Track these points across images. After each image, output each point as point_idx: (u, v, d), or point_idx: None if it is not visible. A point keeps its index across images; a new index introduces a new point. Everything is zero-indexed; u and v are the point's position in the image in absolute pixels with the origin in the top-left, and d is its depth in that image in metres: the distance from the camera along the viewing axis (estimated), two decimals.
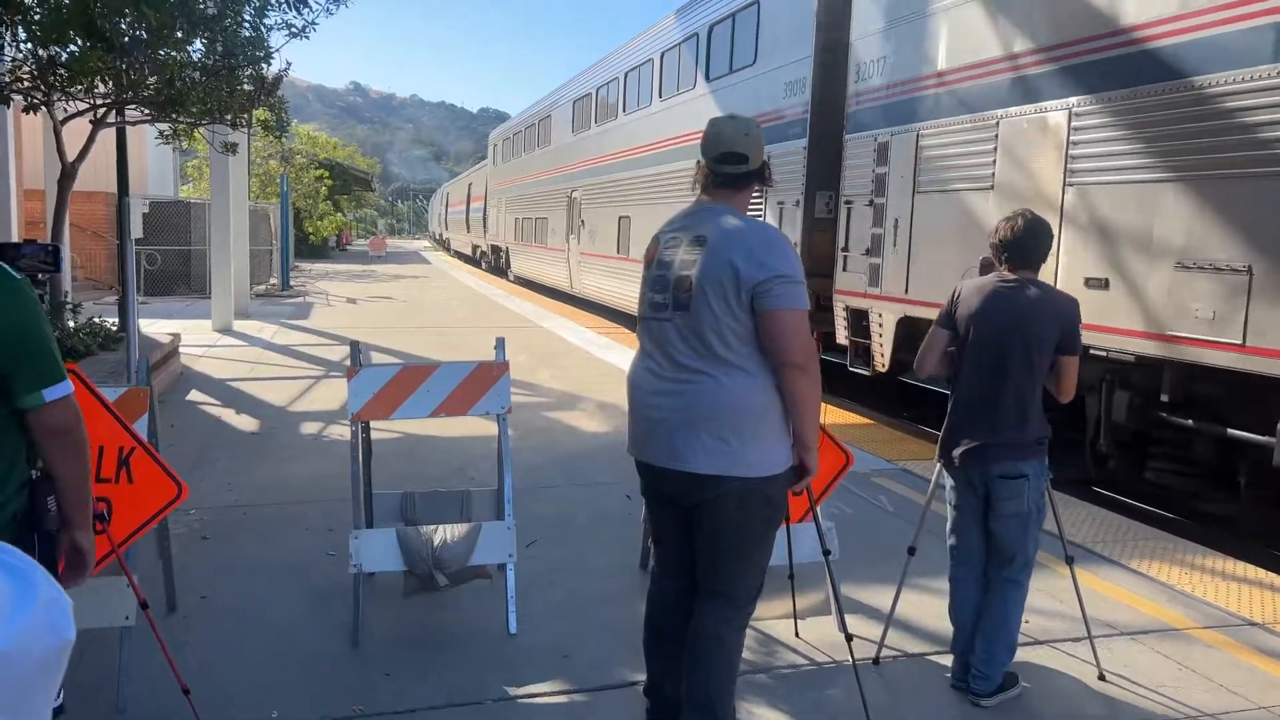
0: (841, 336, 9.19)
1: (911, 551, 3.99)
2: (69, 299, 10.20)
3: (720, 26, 12.34)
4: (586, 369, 11.47)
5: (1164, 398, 5.89)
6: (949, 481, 3.77)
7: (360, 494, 4.23)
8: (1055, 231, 6.56)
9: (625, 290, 15.39)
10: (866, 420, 9.02)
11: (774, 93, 10.57)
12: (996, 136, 7.08)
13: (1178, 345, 5.64)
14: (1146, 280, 5.87)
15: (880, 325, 8.54)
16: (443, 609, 4.28)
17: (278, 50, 10.42)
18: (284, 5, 9.89)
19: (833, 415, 8.17)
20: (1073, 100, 6.42)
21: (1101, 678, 3.81)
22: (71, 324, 9.48)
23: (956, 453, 3.63)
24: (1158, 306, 5.78)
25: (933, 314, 3.92)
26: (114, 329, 9.95)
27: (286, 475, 6.51)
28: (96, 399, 3.49)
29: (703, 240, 2.87)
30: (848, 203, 9.10)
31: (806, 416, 2.86)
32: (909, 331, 8.02)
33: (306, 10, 9.92)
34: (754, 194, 3.11)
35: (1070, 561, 3.92)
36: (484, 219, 35.59)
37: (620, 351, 12.88)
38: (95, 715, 3.36)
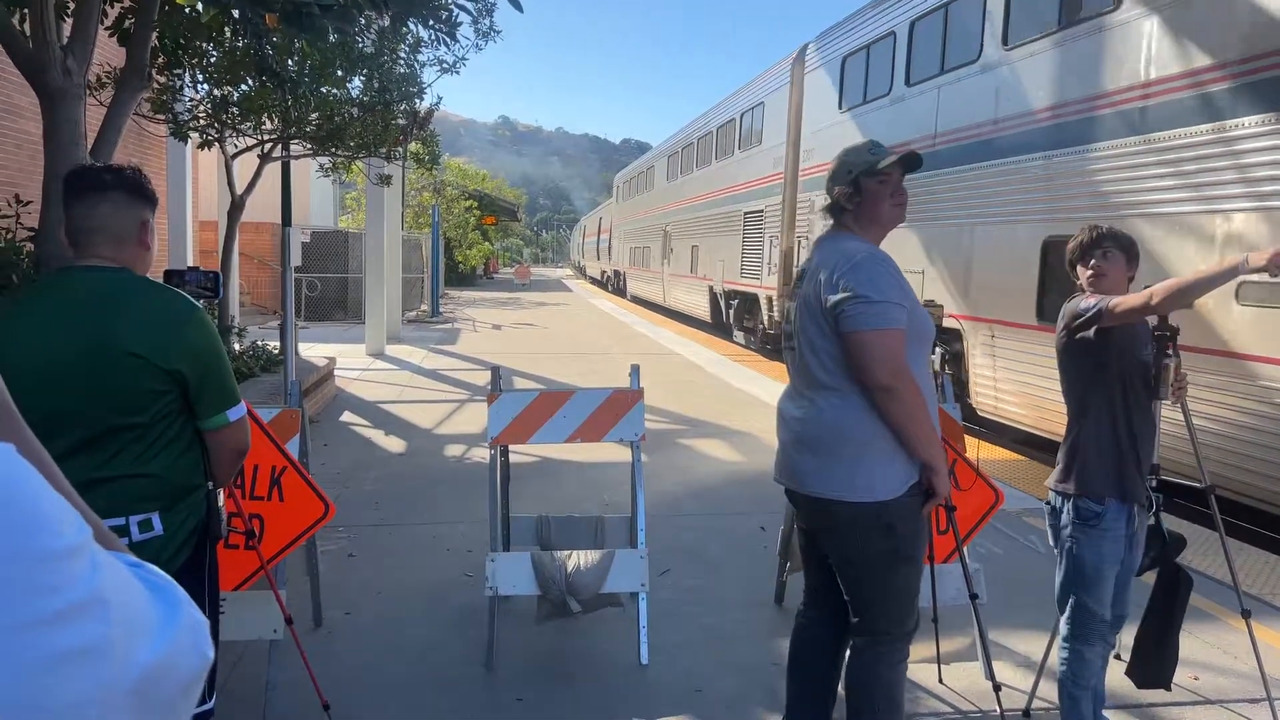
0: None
1: None
2: (234, 323, 10.83)
3: (746, 115, 18.06)
4: (723, 397, 11.40)
5: None
6: None
7: (497, 517, 4.28)
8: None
9: (695, 300, 22.11)
10: (1017, 456, 8.63)
11: (770, 163, 16.09)
12: None
13: None
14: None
15: None
16: (575, 636, 4.28)
17: (429, 85, 10.88)
18: (437, 41, 10.32)
19: (982, 450, 7.84)
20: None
21: None
22: (236, 347, 10.05)
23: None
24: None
25: None
26: (275, 352, 10.49)
27: (430, 496, 6.69)
28: (253, 420, 3.64)
29: (808, 268, 2.93)
30: (802, 239, 14.33)
31: (913, 436, 2.70)
32: None
33: (457, 46, 10.33)
34: (860, 218, 2.90)
35: (1247, 615, 3.59)
36: (609, 248, 43.13)
37: (760, 382, 12.77)
38: None
